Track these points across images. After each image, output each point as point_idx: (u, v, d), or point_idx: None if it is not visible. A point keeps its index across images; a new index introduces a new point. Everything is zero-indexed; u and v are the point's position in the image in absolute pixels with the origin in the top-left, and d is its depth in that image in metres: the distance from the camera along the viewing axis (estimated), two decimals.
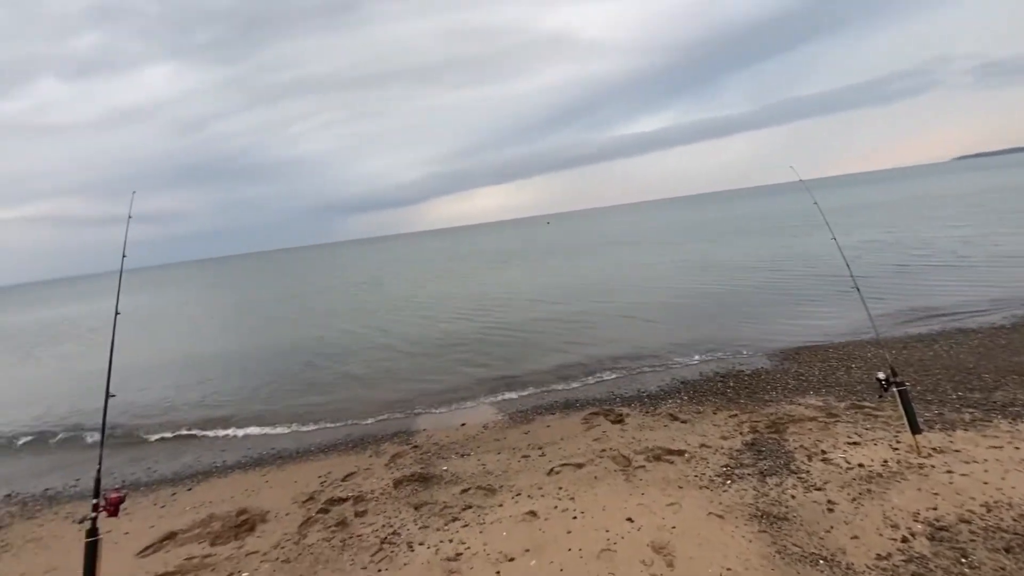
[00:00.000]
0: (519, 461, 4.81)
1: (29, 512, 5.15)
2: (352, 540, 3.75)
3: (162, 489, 5.27)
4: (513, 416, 6.25)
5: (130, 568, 3.78)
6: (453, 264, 32.92)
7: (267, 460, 5.84)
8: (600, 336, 9.73)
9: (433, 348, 10.35)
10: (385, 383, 8.48)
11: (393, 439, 6.00)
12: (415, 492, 4.43)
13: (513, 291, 16.78)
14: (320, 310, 18.90)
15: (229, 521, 4.34)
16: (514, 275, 21.83)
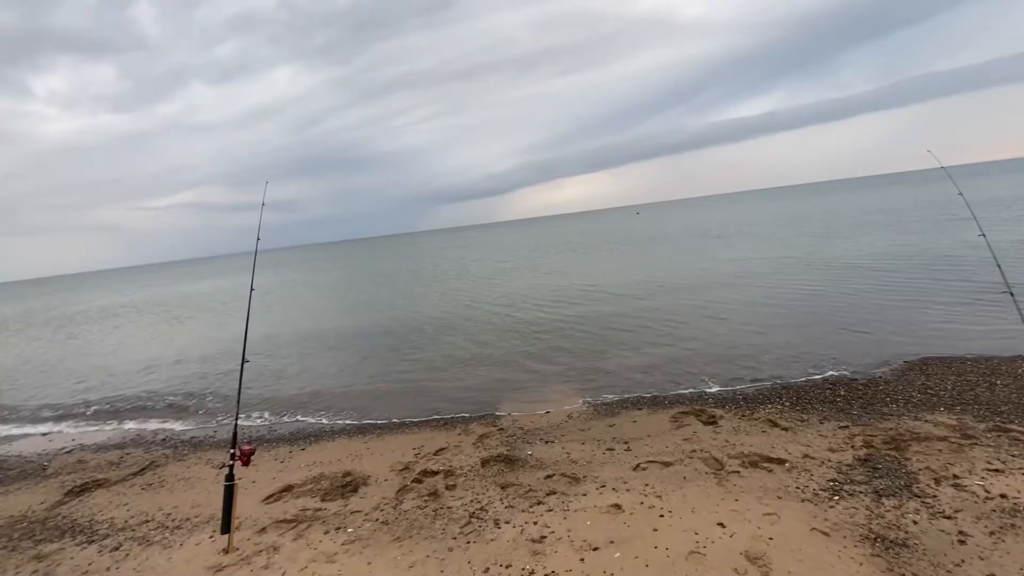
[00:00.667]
0: (604, 453, 4.80)
1: (179, 455, 6.10)
2: (443, 511, 4.00)
3: (281, 447, 5.97)
4: (598, 408, 6.22)
5: (257, 512, 4.34)
6: (538, 254, 33.08)
7: (367, 430, 6.37)
8: (688, 333, 9.31)
9: (517, 336, 10.54)
10: (472, 366, 8.80)
11: (480, 420, 6.25)
12: (501, 472, 4.60)
13: (597, 283, 16.51)
14: (412, 294, 19.98)
15: (336, 481, 4.81)
16: (599, 266, 21.45)
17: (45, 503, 5.05)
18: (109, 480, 5.45)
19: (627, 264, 21.09)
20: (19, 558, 4.04)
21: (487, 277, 22.57)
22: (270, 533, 3.93)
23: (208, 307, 24.28)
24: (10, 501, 5.22)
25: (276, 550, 3.67)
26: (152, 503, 4.80)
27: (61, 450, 6.79)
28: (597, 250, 29.98)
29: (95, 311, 29.51)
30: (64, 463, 6.21)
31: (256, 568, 3.47)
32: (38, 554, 4.07)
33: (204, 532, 4.09)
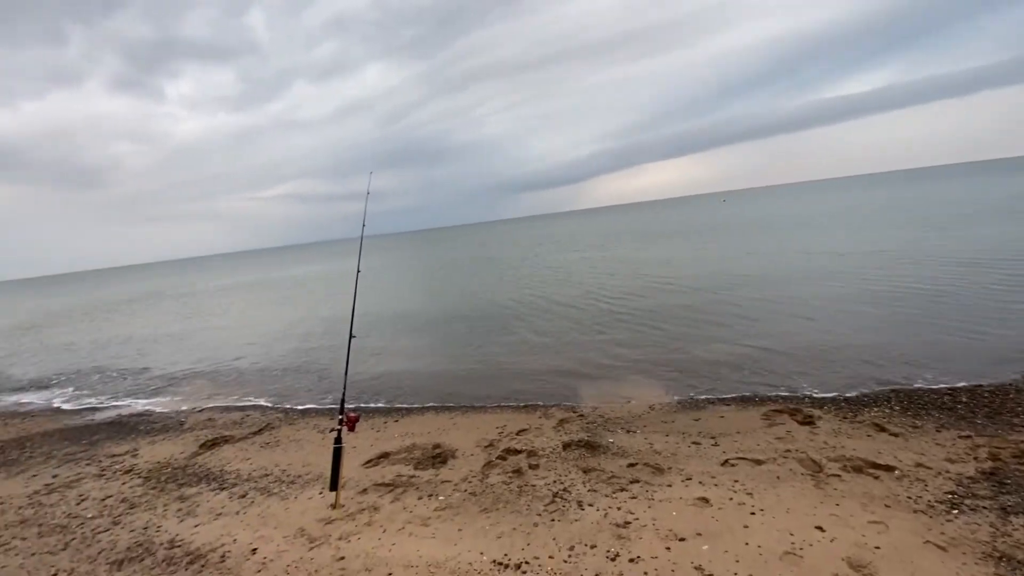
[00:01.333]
0: (689, 447, 4.71)
1: (289, 419, 6.80)
2: (527, 488, 4.15)
3: (377, 417, 6.46)
4: (682, 401, 6.08)
5: (358, 474, 4.76)
6: (616, 243, 32.39)
7: (454, 407, 6.70)
8: (778, 328, 8.73)
9: (595, 325, 10.48)
10: (550, 353, 8.90)
11: (560, 405, 6.35)
12: (583, 457, 4.68)
13: (678, 274, 15.90)
14: (490, 281, 20.44)
15: (427, 452, 5.14)
16: (680, 257, 20.60)
17: (184, 453, 5.87)
18: (234, 437, 6.22)
19: (710, 254, 20.07)
20: (166, 498, 4.74)
21: (563, 265, 22.53)
22: (371, 494, 4.31)
23: (309, 288, 26.50)
24: (157, 450, 6.13)
25: (376, 510, 4.02)
26: (269, 459, 5.42)
27: (194, 409, 7.83)
28: (678, 239, 28.79)
29: (215, 289, 33.26)
30: (197, 420, 7.17)
31: (360, 524, 3.83)
32: (181, 495, 4.76)
33: (314, 488, 4.56)
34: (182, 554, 3.68)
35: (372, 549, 3.46)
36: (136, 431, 6.92)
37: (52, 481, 5.35)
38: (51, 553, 3.91)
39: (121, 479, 5.25)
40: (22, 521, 4.50)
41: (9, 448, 6.64)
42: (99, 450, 6.22)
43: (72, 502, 4.79)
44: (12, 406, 9.49)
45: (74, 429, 7.34)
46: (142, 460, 5.74)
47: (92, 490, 5.03)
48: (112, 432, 6.98)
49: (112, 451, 6.13)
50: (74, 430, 7.28)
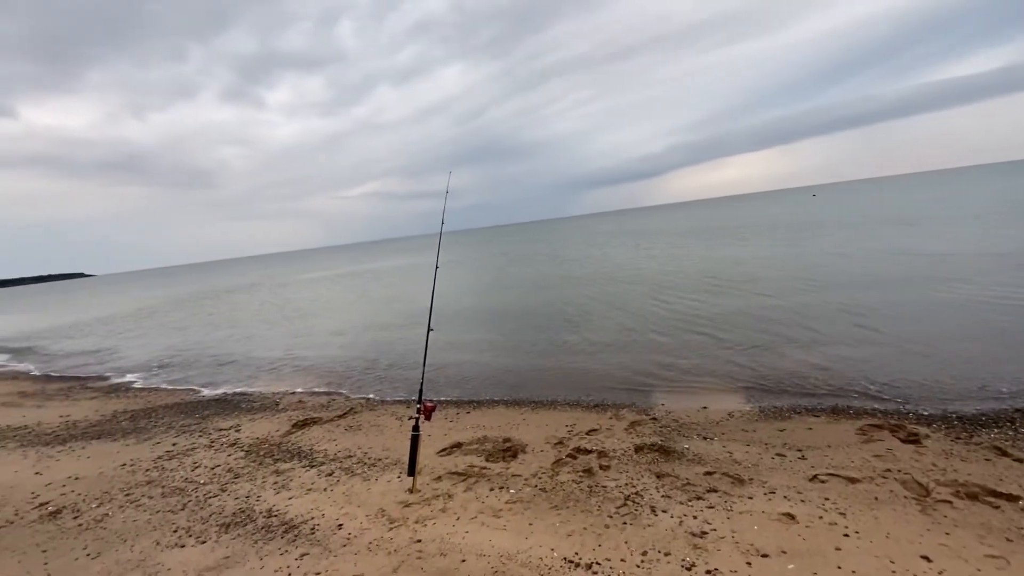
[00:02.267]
0: (772, 458, 4.45)
1: (371, 405, 7.23)
2: (598, 488, 4.13)
3: (450, 408, 6.69)
4: (764, 409, 5.75)
5: (433, 462, 4.97)
6: (692, 240, 31.02)
7: (522, 402, 6.79)
8: (874, 335, 7.94)
9: (669, 325, 10.13)
10: (621, 352, 8.73)
11: (631, 407, 6.23)
12: (656, 461, 4.56)
13: (761, 273, 14.94)
14: (558, 278, 20.37)
15: (498, 445, 5.26)
16: (763, 255, 19.31)
17: (279, 431, 6.42)
18: (321, 419, 6.72)
19: (796, 253, 18.63)
20: (264, 471, 5.22)
21: (633, 263, 21.95)
22: (444, 482, 4.49)
23: (387, 281, 27.91)
24: (256, 426, 6.75)
25: (450, 497, 4.18)
26: (352, 442, 5.79)
27: (286, 392, 8.54)
28: (760, 236, 27.03)
29: (304, 281, 35.95)
30: (290, 402, 7.82)
31: (435, 510, 4.00)
32: (277, 469, 5.22)
33: (393, 472, 4.82)
34: (278, 523, 4.04)
35: (447, 535, 3.61)
36: (239, 408, 7.68)
37: (172, 448, 6.08)
38: (172, 512, 4.44)
39: (227, 451, 5.85)
40: (149, 482, 5.15)
41: (139, 417, 7.62)
42: (209, 424, 6.97)
43: (188, 468, 5.41)
44: (138, 380, 10.86)
45: (188, 404, 8.27)
46: (244, 435, 6.36)
47: (204, 459, 5.65)
48: (219, 408, 7.79)
49: (219, 425, 6.84)
50: (188, 405, 8.21)
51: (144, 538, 4.02)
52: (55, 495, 4.99)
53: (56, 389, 10.48)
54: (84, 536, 4.14)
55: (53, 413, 8.25)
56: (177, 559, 3.67)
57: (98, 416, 7.85)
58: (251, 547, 3.73)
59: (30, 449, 6.47)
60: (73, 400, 9.25)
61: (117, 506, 4.64)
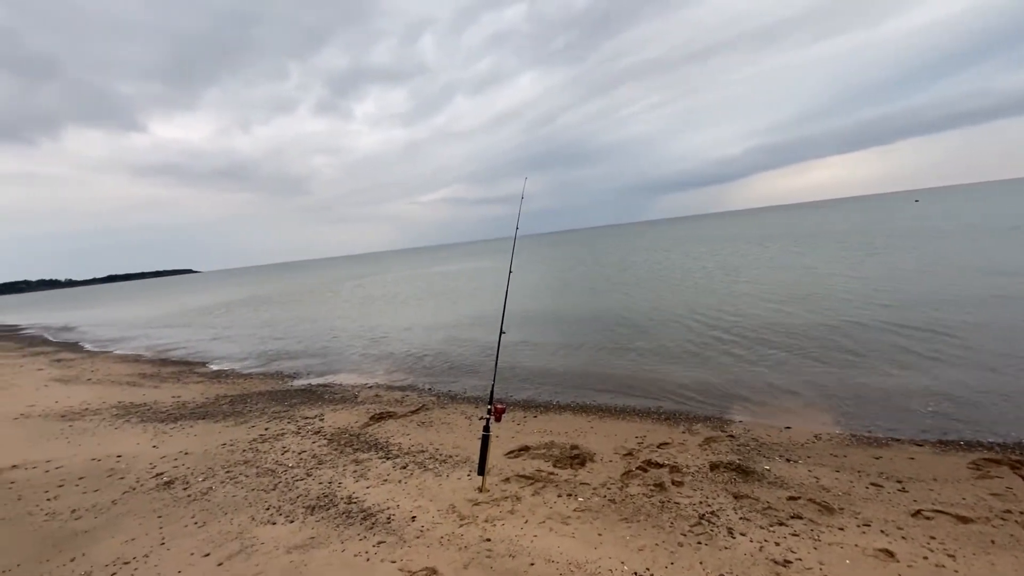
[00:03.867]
0: (867, 488, 4.09)
1: (441, 403, 7.48)
2: (670, 505, 4.00)
3: (517, 411, 6.77)
4: (856, 434, 5.29)
5: (501, 463, 5.05)
6: (775, 247, 29.12)
7: (590, 409, 6.73)
8: (988, 358, 7.04)
9: (744, 336, 9.59)
10: (695, 364, 8.39)
11: (705, 422, 5.98)
12: (733, 481, 4.35)
13: (852, 285, 13.70)
14: (629, 283, 19.92)
15: (565, 451, 5.24)
16: (856, 266, 17.70)
17: (358, 422, 6.81)
18: (396, 413, 7.05)
19: (895, 264, 16.89)
20: (345, 459, 5.55)
21: (709, 270, 20.98)
22: (512, 484, 4.55)
23: (458, 283, 28.72)
24: (337, 417, 7.19)
25: (518, 500, 4.23)
26: (425, 437, 6.02)
27: (364, 385, 9.04)
28: (854, 245, 24.83)
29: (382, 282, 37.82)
30: (367, 395, 8.27)
31: (503, 511, 4.07)
32: (356, 459, 5.53)
33: (463, 470, 4.96)
34: (357, 510, 4.29)
35: (515, 537, 3.66)
36: (322, 399, 8.23)
37: (264, 432, 6.63)
38: (264, 491, 4.84)
39: (312, 438, 6.29)
40: (245, 462, 5.66)
41: (236, 401, 8.39)
42: (296, 412, 7.53)
43: (278, 452, 5.88)
44: (236, 368, 11.95)
45: (278, 392, 8.99)
46: (327, 424, 6.80)
47: (292, 444, 6.12)
48: (305, 398, 8.39)
49: (305, 414, 7.38)
50: (278, 393, 8.92)
51: (241, 513, 4.42)
52: (169, 467, 5.62)
53: (169, 372, 11.78)
54: (192, 506, 4.63)
55: (167, 394, 9.29)
56: (270, 535, 4.01)
57: (203, 399, 8.73)
58: (333, 530, 3.98)
59: (149, 424, 7.32)
60: (183, 383, 10.35)
61: (219, 481, 5.13)
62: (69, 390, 10.05)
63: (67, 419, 7.75)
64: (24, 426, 7.49)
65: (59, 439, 6.79)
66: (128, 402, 8.72)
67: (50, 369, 13.10)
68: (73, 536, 4.18)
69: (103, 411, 8.16)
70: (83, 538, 4.13)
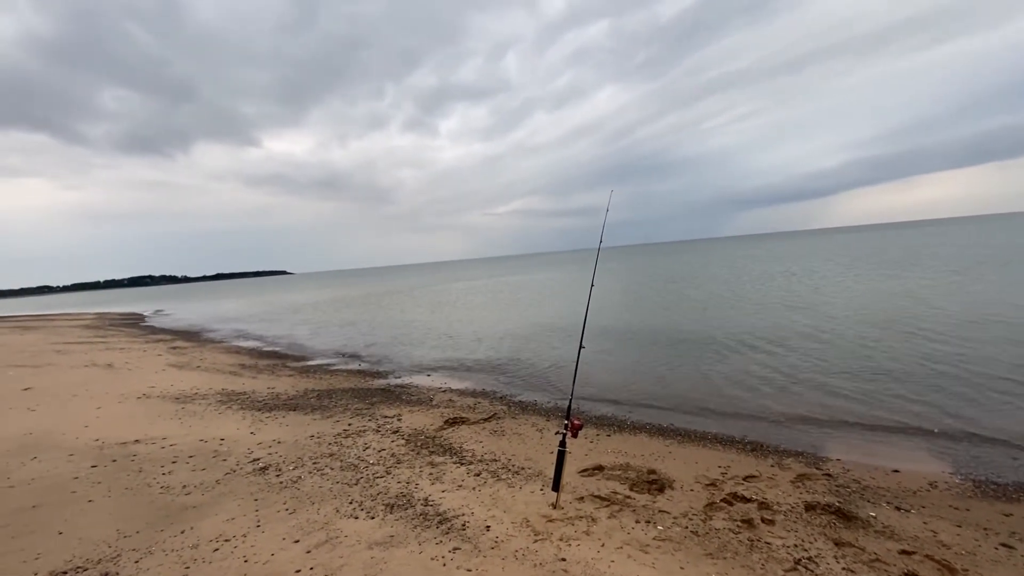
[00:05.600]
0: (995, 549, 3.58)
1: (512, 413, 7.52)
2: (760, 544, 3.73)
3: (590, 428, 6.66)
4: (980, 485, 4.66)
5: (575, 481, 4.97)
6: (864, 267, 26.57)
7: (668, 433, 6.46)
8: None
9: (843, 364, 8.79)
10: (784, 390, 7.81)
11: (797, 456, 5.53)
12: (832, 526, 3.98)
13: (972, 314, 12.11)
14: (714, 300, 19.00)
15: (642, 475, 5.07)
16: (978, 292, 15.67)
17: (433, 425, 7.01)
18: (469, 420, 7.18)
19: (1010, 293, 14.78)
20: (421, 461, 5.72)
21: (810, 294, 19.50)
22: (587, 504, 4.46)
23: (531, 293, 28.93)
24: (414, 418, 7.45)
25: (594, 521, 4.14)
26: (497, 446, 6.07)
27: (439, 389, 9.31)
28: (973, 269, 22.04)
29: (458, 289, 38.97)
30: (442, 399, 8.50)
31: (578, 531, 3.99)
32: (431, 461, 5.68)
33: (536, 483, 4.94)
34: (433, 513, 4.40)
35: (592, 560, 3.57)
36: (400, 400, 8.58)
37: (348, 428, 7.01)
38: (347, 485, 5.10)
39: (391, 437, 6.56)
40: (331, 455, 6.00)
41: (323, 396, 8.96)
42: (376, 410, 7.90)
43: (360, 448, 6.19)
44: (323, 364, 12.77)
45: (360, 390, 9.49)
46: (405, 425, 7.07)
47: (372, 442, 6.41)
48: (384, 397, 8.79)
49: (385, 413, 7.71)
50: (360, 391, 9.41)
51: (327, 504, 4.68)
52: (264, 454, 6.08)
53: (265, 365, 12.83)
54: (284, 493, 4.97)
55: (263, 384, 10.11)
56: (352, 528, 4.20)
57: (294, 391, 9.41)
58: (411, 531, 4.11)
59: (247, 412, 7.99)
60: (277, 375, 11.22)
61: (307, 471, 5.48)
62: (182, 375, 11.23)
63: (180, 401, 8.65)
64: (146, 405, 8.45)
65: (173, 419, 7.59)
66: (230, 390, 9.58)
67: (167, 355, 14.73)
68: (183, 510, 4.63)
69: (209, 396, 9.03)
70: (191, 513, 4.55)
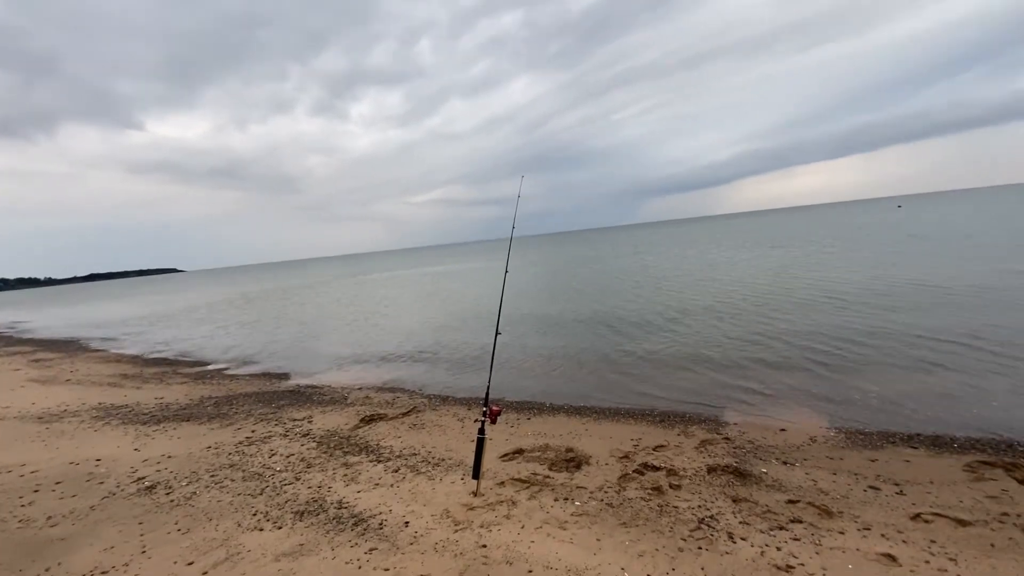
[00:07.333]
0: (865, 491, 4.07)
1: (433, 405, 7.36)
2: (669, 509, 3.94)
3: (510, 413, 6.68)
4: (851, 436, 5.29)
5: (496, 466, 4.96)
6: (766, 250, 29.43)
7: (584, 412, 6.66)
8: (978, 358, 7.11)
9: (738, 339, 9.61)
10: (690, 366, 8.36)
11: (701, 424, 5.94)
12: (731, 485, 4.30)
13: (843, 288, 13.82)
14: (622, 286, 19.93)
15: (560, 454, 5.17)
16: (845, 269, 17.90)
17: (348, 425, 6.66)
18: (387, 416, 6.91)
19: (888, 266, 17.12)
20: (335, 463, 5.41)
21: (706, 273, 21.09)
22: (508, 488, 4.46)
23: (449, 284, 28.54)
24: (327, 419, 7.04)
25: (514, 504, 4.14)
26: (417, 440, 5.90)
27: (354, 387, 8.88)
28: (841, 249, 25.16)
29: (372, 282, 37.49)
30: (357, 397, 8.11)
31: (499, 515, 3.97)
32: (346, 462, 5.39)
33: (456, 473, 4.86)
34: (348, 515, 4.17)
35: (512, 543, 3.57)
36: (311, 400, 8.06)
37: (251, 435, 6.46)
38: (251, 496, 4.69)
39: (300, 441, 6.13)
40: (231, 465, 5.49)
41: (222, 403, 8.18)
42: (284, 414, 7.36)
43: (265, 455, 5.72)
44: (221, 368, 11.69)
45: (265, 393, 8.79)
46: (316, 427, 6.65)
47: (279, 447, 5.96)
48: (293, 399, 8.22)
49: (293, 416, 7.21)
50: (265, 395, 8.72)
51: (227, 519, 4.27)
52: (151, 471, 5.43)
53: (152, 373, 11.49)
54: (175, 512, 4.46)
55: (149, 395, 9.04)
56: (256, 541, 3.87)
57: (187, 400, 8.51)
58: (323, 536, 3.86)
59: (130, 427, 7.10)
60: (166, 384, 10.09)
61: (204, 486, 4.97)
62: (47, 391, 9.75)
63: (44, 421, 7.49)
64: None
65: (35, 442, 6.55)
66: (109, 403, 8.46)
67: (27, 369, 12.71)
68: (49, 544, 4.00)
69: (82, 413, 7.91)
70: (59, 546, 3.95)
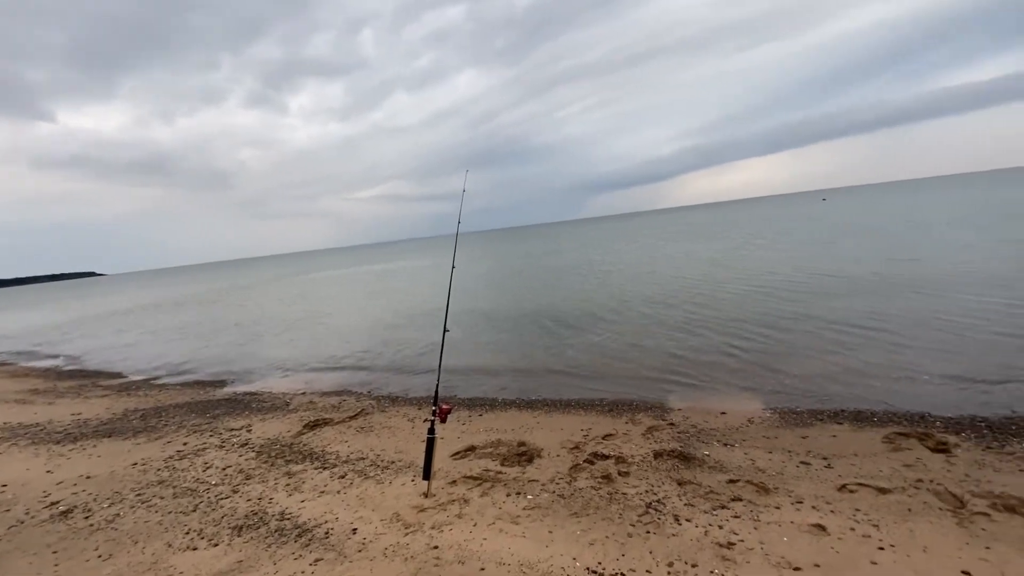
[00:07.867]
0: (797, 467, 4.33)
1: (382, 407, 7.15)
2: (618, 496, 4.02)
3: (462, 411, 6.61)
4: (784, 416, 5.61)
5: (447, 465, 4.88)
6: (704, 243, 30.81)
7: (535, 405, 6.69)
8: (896, 340, 7.77)
9: (679, 328, 9.99)
10: (636, 356, 8.60)
11: (647, 411, 6.11)
12: (676, 468, 4.45)
13: (774, 278, 14.72)
14: (569, 281, 20.25)
15: (512, 449, 5.16)
16: (775, 259, 19.07)
17: (290, 432, 6.36)
18: (333, 420, 6.65)
19: (809, 257, 18.38)
20: (276, 472, 5.15)
21: (647, 266, 21.80)
22: (460, 486, 4.40)
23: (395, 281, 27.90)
24: (267, 427, 6.69)
25: (466, 502, 4.09)
26: (365, 443, 5.72)
27: (297, 392, 8.49)
28: (772, 240, 26.76)
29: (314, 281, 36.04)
30: (300, 402, 7.76)
31: (451, 515, 3.91)
32: (289, 471, 5.15)
33: (407, 475, 4.74)
34: (291, 527, 3.97)
35: (464, 541, 3.52)
36: (249, 408, 7.63)
37: (183, 448, 6.03)
38: (184, 513, 4.38)
39: (238, 451, 5.79)
40: (160, 481, 5.10)
41: (150, 415, 7.59)
42: (219, 423, 6.92)
43: (199, 468, 5.36)
44: (149, 379, 10.86)
45: (199, 403, 8.24)
46: (255, 435, 6.30)
47: (215, 459, 5.60)
48: (229, 408, 7.75)
49: (230, 425, 6.80)
50: (199, 404, 8.17)
51: (156, 540, 3.96)
52: (66, 494, 4.95)
53: (67, 387, 10.50)
54: (95, 536, 4.09)
55: (64, 411, 8.25)
56: (189, 562, 3.61)
57: (109, 414, 7.83)
58: (264, 551, 3.65)
59: (41, 447, 6.45)
60: (84, 398, 9.25)
61: (128, 506, 4.58)
62: None
63: None
64: None
65: None
66: (16, 423, 7.65)
67: None
68: None
69: None
70: None
